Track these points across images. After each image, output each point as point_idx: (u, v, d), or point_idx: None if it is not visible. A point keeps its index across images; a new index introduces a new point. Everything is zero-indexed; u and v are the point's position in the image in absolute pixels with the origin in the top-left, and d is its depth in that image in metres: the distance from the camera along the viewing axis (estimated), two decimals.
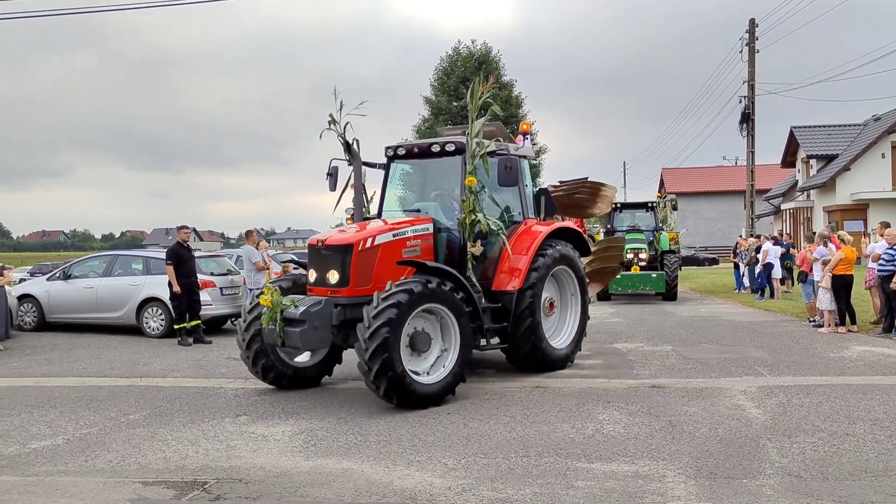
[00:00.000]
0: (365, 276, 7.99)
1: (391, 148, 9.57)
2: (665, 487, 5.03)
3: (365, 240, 8.07)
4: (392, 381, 7.21)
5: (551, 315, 9.63)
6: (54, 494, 5.17)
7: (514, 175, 8.62)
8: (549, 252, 9.23)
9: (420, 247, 8.52)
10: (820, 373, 9.14)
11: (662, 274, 20.39)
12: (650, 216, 22.93)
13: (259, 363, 8.44)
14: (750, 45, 29.71)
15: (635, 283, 20.38)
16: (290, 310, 7.83)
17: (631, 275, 20.31)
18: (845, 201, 32.01)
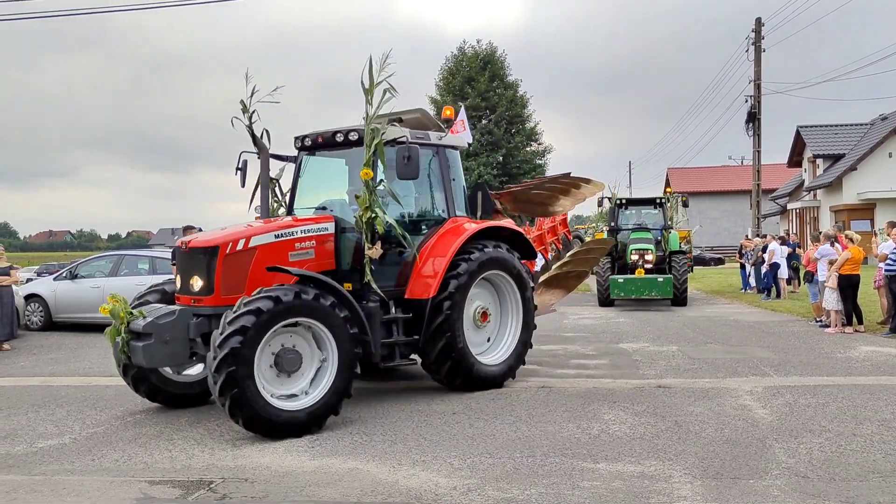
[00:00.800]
0: (235, 283, 6.91)
1: (299, 138, 8.56)
2: (671, 488, 5.02)
3: (235, 241, 7.03)
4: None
5: (485, 326, 8.55)
6: (61, 493, 5.18)
7: (414, 167, 7.45)
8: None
9: (314, 249, 7.48)
10: (827, 373, 9.11)
11: (670, 278, 17.99)
12: (658, 213, 20.67)
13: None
14: (756, 44, 29.63)
15: (639, 287, 18.02)
16: (137, 321, 6.91)
17: (634, 279, 18.10)
18: (852, 201, 31.90)
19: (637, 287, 18.09)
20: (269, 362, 6.55)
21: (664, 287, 17.94)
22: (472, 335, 8.29)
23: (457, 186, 8.76)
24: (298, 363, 6.70)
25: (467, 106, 34.44)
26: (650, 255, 18.64)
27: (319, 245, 7.56)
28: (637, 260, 18.57)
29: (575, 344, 12.18)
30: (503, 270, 8.55)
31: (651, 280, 18.03)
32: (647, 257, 18.60)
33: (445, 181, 8.54)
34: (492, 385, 8.33)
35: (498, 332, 8.76)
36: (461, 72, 35.16)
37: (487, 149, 33.22)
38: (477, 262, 8.13)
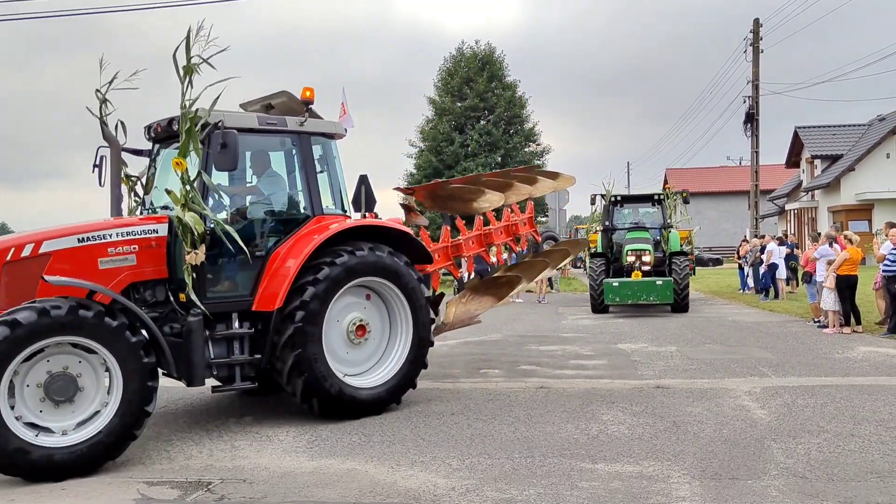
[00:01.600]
0: (19, 294, 5.85)
1: (148, 127, 7.53)
2: (670, 488, 5.02)
3: (20, 246, 6.00)
4: None
5: (363, 343, 7.38)
6: (59, 495, 5.18)
7: (231, 156, 6.41)
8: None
9: (136, 255, 6.43)
10: (825, 373, 9.12)
11: (670, 281, 16.52)
12: (657, 211, 19.23)
13: None
14: (754, 44, 29.68)
15: (636, 292, 16.41)
16: None
17: (630, 282, 16.60)
18: (850, 201, 31.94)
19: (633, 291, 16.44)
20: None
21: (663, 291, 16.37)
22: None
23: (331, 180, 7.71)
24: (72, 391, 5.65)
25: (466, 106, 34.48)
26: (648, 257, 17.09)
27: (144, 250, 6.51)
28: (633, 262, 17.05)
29: (573, 344, 12.19)
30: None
31: (649, 283, 16.47)
32: (644, 259, 17.05)
33: (309, 174, 7.38)
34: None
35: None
36: (459, 72, 35.14)
37: (486, 149, 33.21)
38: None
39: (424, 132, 35.30)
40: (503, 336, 13.67)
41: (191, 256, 6.32)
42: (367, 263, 7.17)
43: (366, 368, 7.47)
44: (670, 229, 18.63)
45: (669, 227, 18.65)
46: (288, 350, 6.73)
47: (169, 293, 6.69)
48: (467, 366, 10.26)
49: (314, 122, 7.54)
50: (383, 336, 7.62)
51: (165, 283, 6.68)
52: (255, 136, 7.18)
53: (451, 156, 32.99)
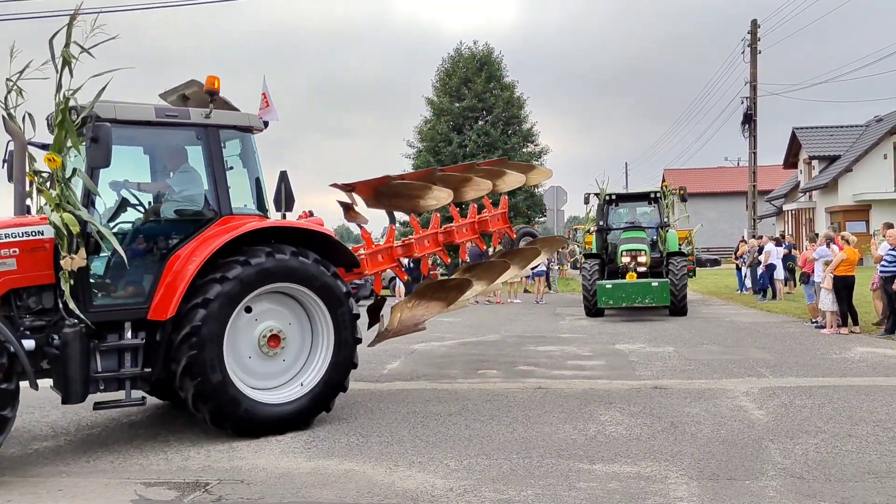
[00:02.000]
0: None
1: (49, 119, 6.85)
2: (667, 488, 5.02)
3: None
4: None
5: (278, 354, 6.73)
6: (56, 495, 5.17)
7: (103, 151, 5.83)
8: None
9: (16, 259, 5.87)
10: (822, 374, 9.13)
11: (667, 282, 15.86)
12: (654, 210, 18.52)
13: None
14: (752, 45, 29.72)
15: (630, 294, 15.77)
16: None
17: (624, 284, 15.95)
18: (847, 202, 32.00)
19: (628, 293, 15.79)
20: None
21: (659, 293, 15.66)
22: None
23: (247, 177, 7.16)
24: None
25: (464, 107, 34.47)
26: (643, 257, 16.51)
27: (27, 253, 5.93)
28: (628, 262, 16.43)
29: (571, 345, 12.20)
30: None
31: (644, 285, 15.79)
32: (639, 259, 16.46)
33: (216, 170, 6.74)
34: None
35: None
36: (458, 73, 35.13)
37: (484, 150, 33.20)
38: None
39: (422, 132, 35.29)
40: (501, 337, 13.67)
41: (65, 261, 5.74)
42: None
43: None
44: (668, 229, 17.78)
45: (667, 227, 17.78)
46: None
47: (58, 300, 6.03)
48: (465, 366, 10.26)
49: (224, 113, 6.93)
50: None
51: (54, 288, 6.05)
52: (154, 129, 6.65)
53: (449, 156, 32.98)
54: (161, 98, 7.31)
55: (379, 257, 8.75)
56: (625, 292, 15.87)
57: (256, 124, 7.30)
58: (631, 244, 16.94)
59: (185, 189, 6.89)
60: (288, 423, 6.67)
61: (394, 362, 10.70)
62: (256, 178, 7.24)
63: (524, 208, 35.21)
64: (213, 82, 6.79)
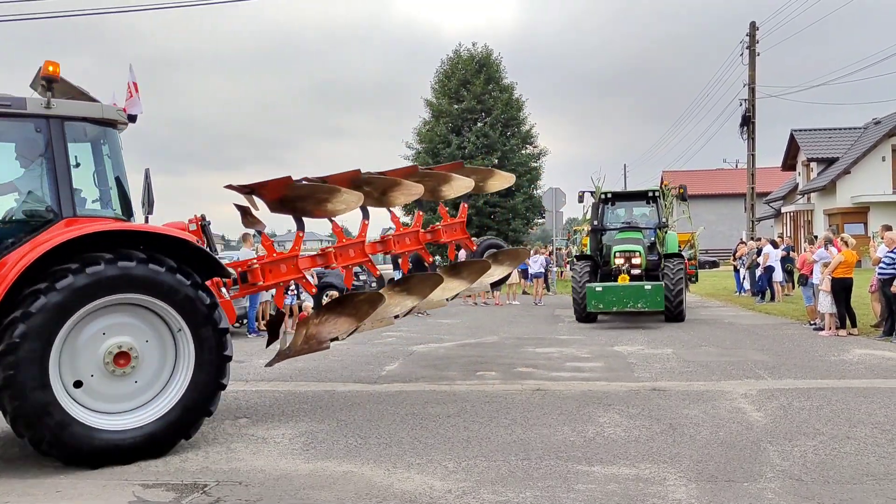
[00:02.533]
0: None
1: None
2: (666, 490, 5.02)
3: None
4: None
5: (130, 374, 5.94)
6: (54, 496, 5.16)
7: None
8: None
9: None
10: (821, 376, 9.13)
11: (661, 286, 14.89)
12: (652, 210, 17.57)
13: None
14: (750, 47, 29.75)
15: (622, 298, 14.70)
16: None
17: (615, 287, 14.93)
18: (846, 204, 32.06)
19: (619, 297, 14.73)
20: None
21: (653, 297, 14.64)
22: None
23: (107, 176, 6.50)
24: None
25: (463, 108, 34.49)
26: (638, 259, 15.48)
27: None
28: (622, 264, 15.42)
29: (570, 347, 12.20)
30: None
31: (636, 288, 14.75)
32: (634, 261, 15.45)
33: (57, 166, 6.00)
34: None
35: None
36: (457, 74, 35.17)
37: (483, 151, 33.24)
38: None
39: (421, 134, 35.34)
40: (500, 338, 13.67)
41: None
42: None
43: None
44: (666, 230, 16.89)
45: (665, 228, 16.89)
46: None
47: None
48: (464, 368, 10.26)
49: (71, 104, 6.24)
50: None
51: None
52: None
53: (448, 158, 33.01)
54: (31, 88, 6.70)
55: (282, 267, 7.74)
56: (615, 296, 14.78)
57: (115, 116, 6.48)
58: (625, 245, 16.00)
59: (21, 186, 6.27)
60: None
61: (392, 364, 10.70)
62: (118, 176, 6.55)
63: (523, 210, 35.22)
64: (49, 67, 6.03)
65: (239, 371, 10.26)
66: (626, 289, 14.83)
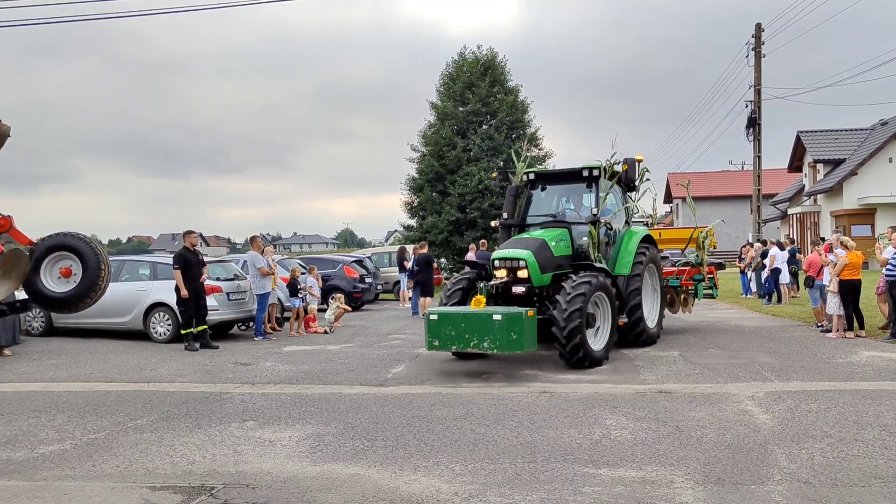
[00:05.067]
0: None
1: None
2: (673, 493, 5.01)
3: None
4: None
5: None
6: (62, 499, 5.18)
7: None
8: None
9: None
10: (828, 378, 9.10)
11: (522, 316, 9.27)
12: (590, 195, 11.82)
13: None
14: (756, 49, 29.71)
15: (462, 331, 9.43)
16: None
17: (453, 314, 9.60)
18: (852, 206, 31.95)
19: (459, 331, 9.44)
20: None
21: (504, 333, 9.15)
22: None
23: None
24: None
25: (468, 111, 34.49)
26: (525, 272, 10.31)
27: None
28: (505, 277, 10.46)
29: None
30: None
31: (481, 319, 9.31)
32: (520, 274, 10.34)
33: None
34: None
35: None
36: (462, 77, 35.18)
37: (488, 154, 33.23)
38: None
39: (426, 136, 35.35)
40: None
41: None
42: None
43: None
44: (601, 224, 11.38)
45: (597, 221, 11.29)
46: None
47: None
48: (469, 371, 10.25)
49: None
50: None
51: None
52: None
53: (453, 160, 33.05)
54: None
55: None
56: (455, 328, 9.48)
57: None
58: (509, 250, 10.69)
59: None
60: None
61: (398, 367, 10.70)
62: None
63: None
64: None
65: (246, 374, 10.29)
66: (468, 318, 9.41)
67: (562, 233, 11.26)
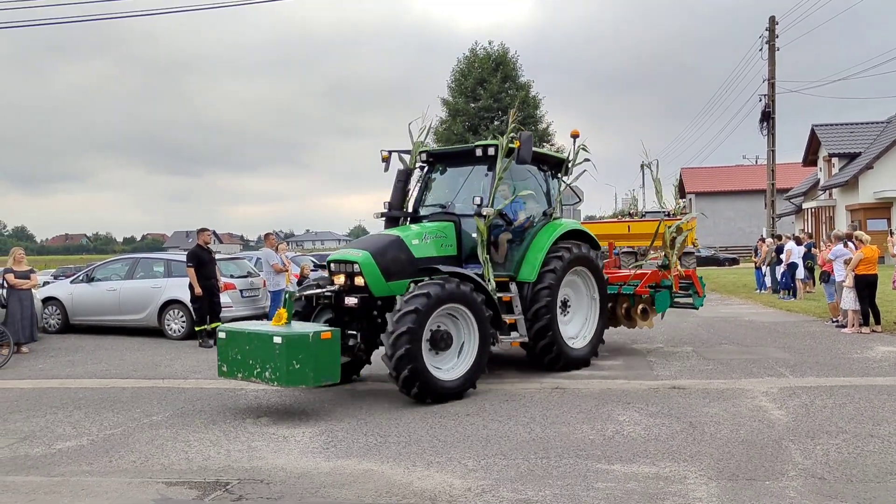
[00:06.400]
0: None
1: None
2: (686, 489, 5.00)
3: None
4: None
5: None
6: (80, 494, 5.24)
7: None
8: None
9: None
10: (843, 373, 9.04)
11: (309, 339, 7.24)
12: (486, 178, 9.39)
13: None
14: (770, 42, 29.47)
15: (246, 355, 7.51)
16: None
17: (241, 333, 7.69)
18: (868, 200, 31.63)
19: (245, 354, 7.53)
20: None
21: (284, 361, 7.16)
22: None
23: None
24: None
25: (480, 107, 34.49)
26: (361, 279, 8.30)
27: None
28: (344, 283, 8.48)
29: None
30: None
31: (263, 340, 7.37)
32: (356, 281, 8.35)
33: None
34: None
35: None
36: (473, 73, 35.19)
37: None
38: None
39: (438, 133, 35.35)
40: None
41: None
42: None
43: None
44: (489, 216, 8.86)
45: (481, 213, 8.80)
46: None
47: None
48: None
49: None
50: None
51: None
52: None
53: None
54: None
55: None
56: (241, 351, 7.59)
57: None
58: (347, 250, 8.95)
59: None
60: None
61: None
62: None
63: None
64: None
65: None
66: (251, 340, 7.52)
67: (441, 228, 8.98)
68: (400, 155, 10.21)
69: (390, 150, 10.14)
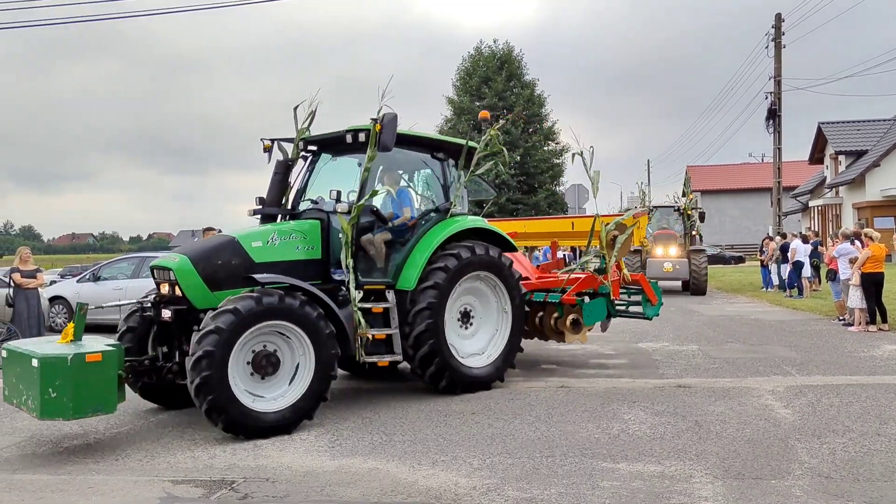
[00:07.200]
0: None
1: None
2: (692, 488, 5.00)
3: None
4: None
5: None
6: (87, 493, 5.26)
7: None
8: None
9: None
10: (850, 372, 9.01)
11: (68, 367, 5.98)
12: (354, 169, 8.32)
13: None
14: (776, 40, 29.36)
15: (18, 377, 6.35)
16: None
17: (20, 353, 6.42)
18: (875, 198, 31.50)
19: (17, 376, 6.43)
20: None
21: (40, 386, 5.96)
22: None
23: None
24: None
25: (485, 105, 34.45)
26: (178, 290, 7.04)
27: None
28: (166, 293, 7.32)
29: (594, 343, 12.13)
30: None
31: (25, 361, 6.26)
32: (176, 290, 7.09)
33: None
34: None
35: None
36: (478, 72, 35.17)
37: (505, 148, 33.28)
38: None
39: (443, 132, 35.35)
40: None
41: None
42: None
43: None
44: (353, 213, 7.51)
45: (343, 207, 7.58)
46: None
47: None
48: None
49: None
50: None
51: None
52: None
53: None
54: None
55: None
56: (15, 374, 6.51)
57: None
58: (167, 256, 7.85)
59: None
60: None
61: None
62: None
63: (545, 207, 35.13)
64: None
65: None
66: (21, 361, 6.40)
67: (302, 227, 7.73)
68: (280, 144, 8.78)
69: (272, 139, 8.79)
